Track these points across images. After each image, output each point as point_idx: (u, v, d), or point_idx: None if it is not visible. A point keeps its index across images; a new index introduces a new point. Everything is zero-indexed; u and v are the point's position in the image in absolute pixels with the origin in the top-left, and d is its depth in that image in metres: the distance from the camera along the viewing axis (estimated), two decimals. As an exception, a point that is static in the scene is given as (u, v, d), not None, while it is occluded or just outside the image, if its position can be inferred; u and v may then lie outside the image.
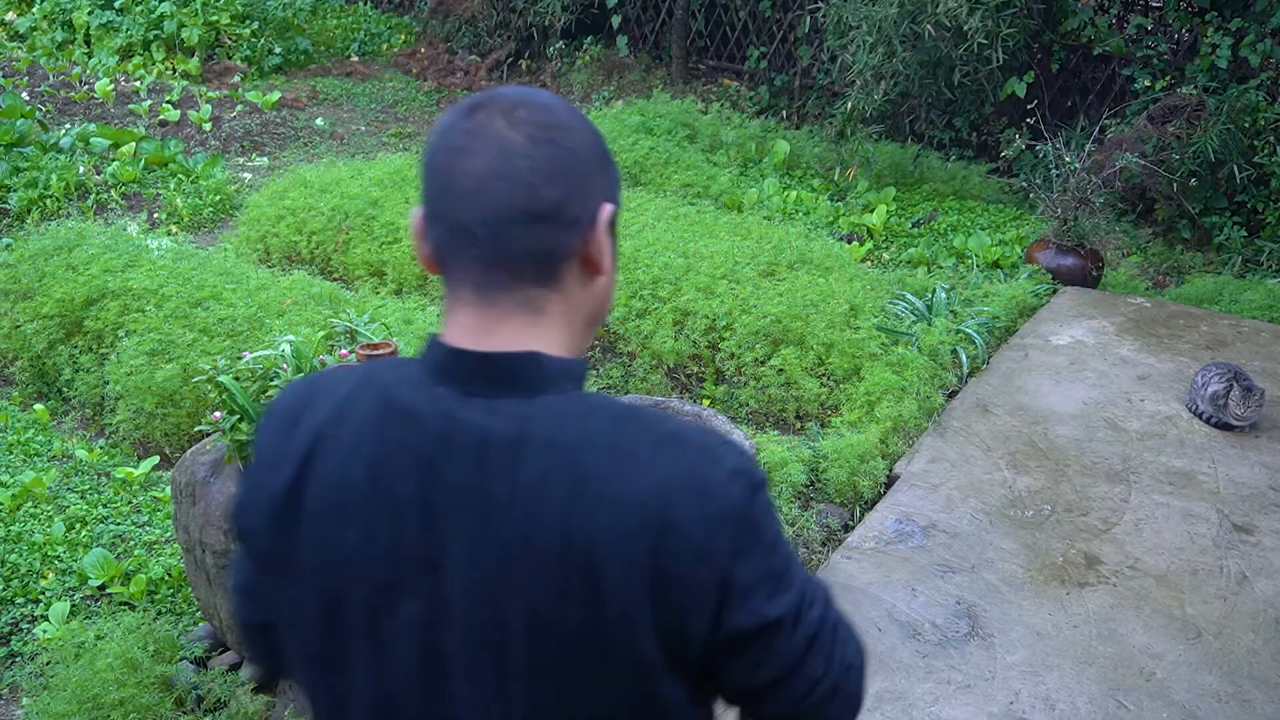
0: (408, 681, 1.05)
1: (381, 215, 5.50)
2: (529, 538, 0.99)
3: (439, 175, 1.04)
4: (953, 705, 2.86)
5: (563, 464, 0.99)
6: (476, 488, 1.00)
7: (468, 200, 1.01)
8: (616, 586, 0.97)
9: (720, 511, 0.99)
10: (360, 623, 1.05)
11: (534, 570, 0.99)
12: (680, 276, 4.72)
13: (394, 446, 1.03)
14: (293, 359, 2.55)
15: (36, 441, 4.03)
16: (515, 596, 1.00)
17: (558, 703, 1.02)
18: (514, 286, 1.03)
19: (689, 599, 0.98)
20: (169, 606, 3.14)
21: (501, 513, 1.00)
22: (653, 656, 0.99)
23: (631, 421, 1.03)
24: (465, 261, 1.03)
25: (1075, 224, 5.58)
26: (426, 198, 1.06)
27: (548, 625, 0.99)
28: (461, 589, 1.01)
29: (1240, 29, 6.41)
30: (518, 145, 1.01)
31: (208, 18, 8.93)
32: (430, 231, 1.06)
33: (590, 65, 8.86)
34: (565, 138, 1.03)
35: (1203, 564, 3.46)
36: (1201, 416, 4.30)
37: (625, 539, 0.97)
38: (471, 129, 1.03)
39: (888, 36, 6.43)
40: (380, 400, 1.06)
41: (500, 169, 1.00)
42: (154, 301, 4.27)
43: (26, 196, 6.09)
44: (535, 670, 1.01)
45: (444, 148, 1.04)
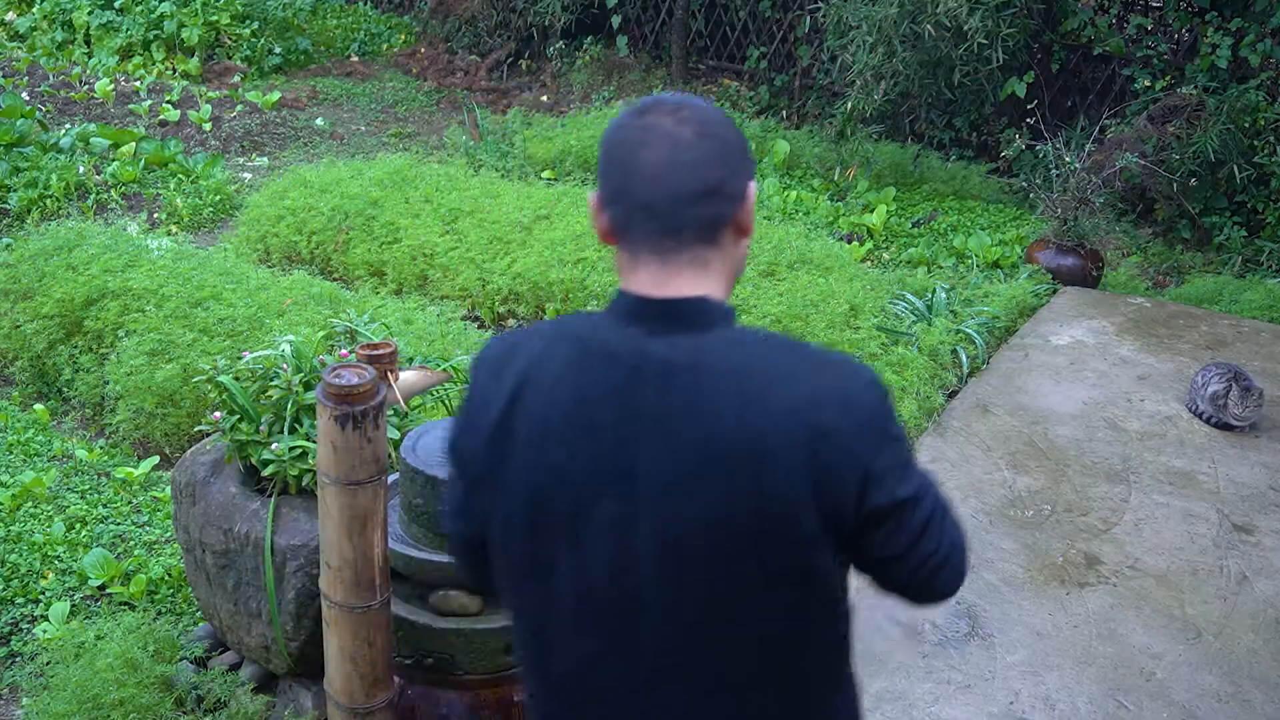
0: (603, 572, 1.29)
1: (381, 215, 5.50)
2: (708, 445, 1.24)
3: (620, 164, 1.31)
4: (953, 705, 2.86)
5: (732, 384, 1.25)
6: (663, 407, 1.25)
7: (650, 184, 1.28)
8: (782, 481, 1.23)
9: (861, 416, 1.26)
10: (562, 527, 1.30)
11: (712, 472, 1.24)
12: (680, 276, 4.71)
13: (593, 379, 1.29)
14: (293, 359, 2.55)
15: (36, 441, 4.03)
16: (696, 494, 1.25)
17: (729, 576, 1.26)
18: (685, 248, 1.30)
19: (840, 487, 1.24)
20: (169, 606, 3.14)
21: (684, 426, 1.25)
22: (812, 532, 1.25)
23: (783, 347, 1.30)
24: (646, 231, 1.30)
25: (1075, 224, 5.58)
26: (607, 183, 1.33)
27: (723, 516, 1.24)
28: (651, 491, 1.26)
29: (1240, 29, 6.41)
30: (686, 139, 1.28)
31: (208, 18, 8.93)
32: (611, 209, 1.32)
33: (590, 65, 8.85)
34: (720, 132, 1.31)
35: (1203, 564, 3.46)
36: (1201, 416, 4.30)
37: (788, 443, 1.23)
38: (645, 126, 1.30)
39: (888, 36, 6.43)
40: (577, 344, 1.32)
41: (675, 158, 1.28)
42: (154, 301, 4.27)
43: (26, 196, 6.08)
44: (711, 552, 1.26)
45: (622, 142, 1.31)
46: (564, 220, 5.33)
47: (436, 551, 2.19)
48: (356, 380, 1.85)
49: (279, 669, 2.53)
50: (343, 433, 1.84)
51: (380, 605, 2.00)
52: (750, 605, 1.28)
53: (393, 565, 2.17)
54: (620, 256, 1.34)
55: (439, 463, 2.17)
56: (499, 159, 7.01)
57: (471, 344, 4.21)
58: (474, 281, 5.10)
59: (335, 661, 2.04)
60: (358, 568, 1.94)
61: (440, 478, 2.13)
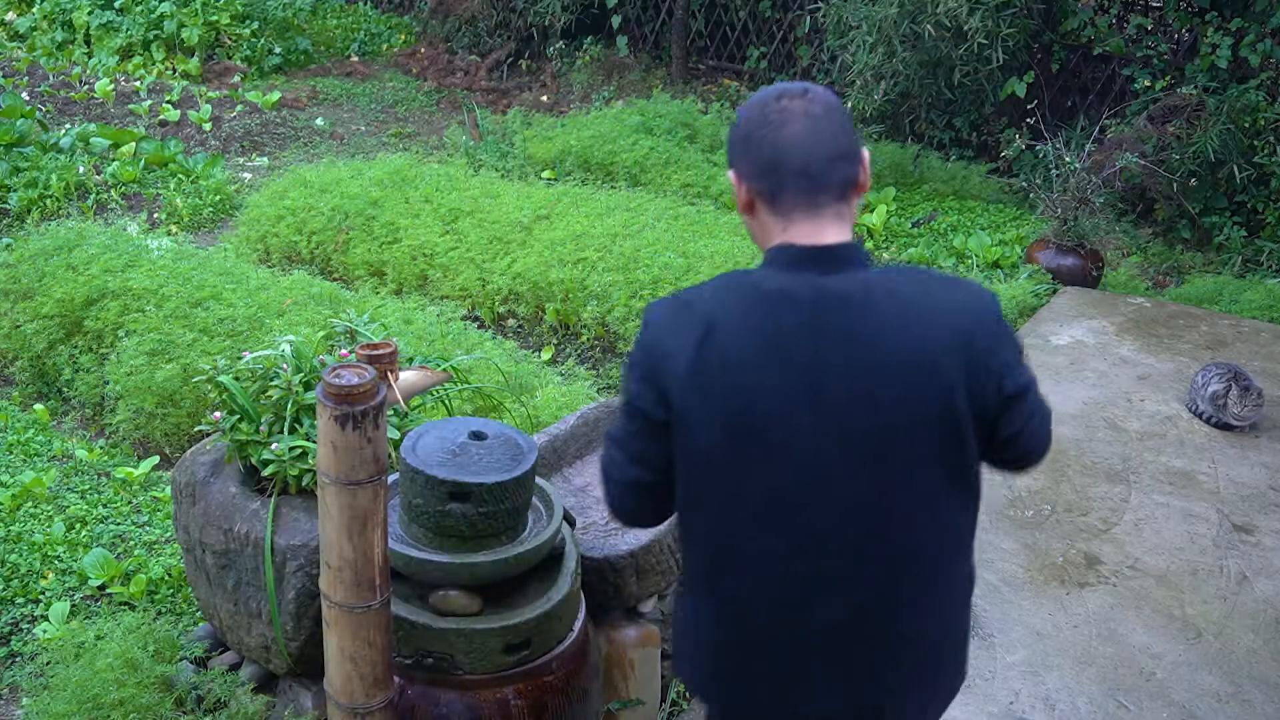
0: (798, 475, 1.57)
1: (381, 215, 5.50)
2: (885, 356, 1.54)
3: (769, 142, 1.59)
4: (953, 705, 2.86)
5: (894, 306, 1.56)
6: (846, 330, 1.54)
7: (802, 153, 1.58)
8: (945, 377, 1.55)
9: (990, 320, 1.60)
10: (760, 443, 1.56)
11: (890, 376, 1.54)
12: (680, 276, 4.71)
13: (779, 315, 1.56)
14: (293, 359, 2.55)
15: (36, 441, 4.02)
16: (879, 397, 1.54)
17: (905, 461, 1.57)
18: (830, 204, 1.60)
19: (987, 376, 1.57)
20: (169, 606, 3.14)
21: (864, 343, 1.54)
22: (965, 416, 1.57)
23: (921, 274, 1.63)
24: (800, 191, 1.59)
25: (1075, 224, 5.58)
26: (753, 160, 1.61)
27: (900, 411, 1.54)
28: (840, 399, 1.54)
29: (1240, 29, 6.41)
30: (818, 115, 1.59)
31: (208, 18, 8.93)
32: (761, 181, 1.60)
33: (590, 65, 8.85)
34: (839, 108, 1.62)
35: (1203, 564, 3.46)
36: (1201, 416, 4.30)
37: (945, 346, 1.55)
38: (782, 109, 1.59)
39: (888, 36, 6.43)
40: (754, 290, 1.59)
41: (815, 130, 1.58)
42: (154, 301, 4.27)
43: (26, 196, 6.08)
44: (892, 443, 1.56)
45: (764, 124, 1.60)
46: (564, 220, 5.33)
47: (436, 551, 2.19)
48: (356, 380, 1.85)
49: (279, 669, 2.53)
50: (343, 433, 1.84)
51: (380, 605, 2.00)
52: (920, 484, 1.59)
53: (393, 565, 2.17)
54: (767, 221, 1.63)
55: (439, 463, 2.17)
56: (499, 159, 7.01)
57: (471, 344, 4.21)
58: (474, 281, 5.10)
59: (335, 661, 2.04)
60: (358, 568, 1.94)
61: (440, 477, 2.13)
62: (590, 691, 2.36)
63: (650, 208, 5.56)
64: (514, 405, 3.60)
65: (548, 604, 2.24)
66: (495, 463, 2.19)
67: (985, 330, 1.58)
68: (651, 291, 4.66)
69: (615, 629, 2.61)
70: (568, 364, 4.60)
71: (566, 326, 4.97)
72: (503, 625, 2.18)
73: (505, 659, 2.21)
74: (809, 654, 1.67)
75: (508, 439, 2.27)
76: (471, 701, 2.19)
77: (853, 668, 1.67)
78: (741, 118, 1.65)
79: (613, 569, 2.53)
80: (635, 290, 4.70)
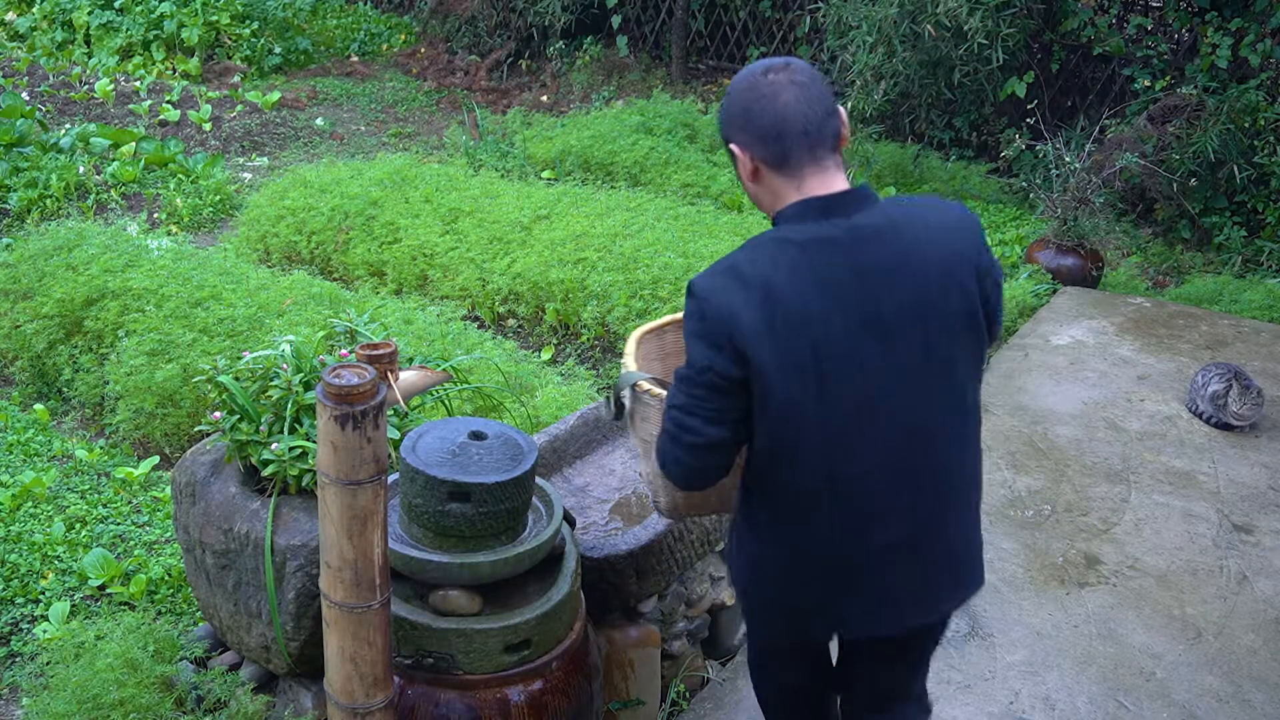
0: (866, 405, 1.79)
1: (381, 215, 5.50)
2: (923, 274, 1.80)
3: (769, 112, 1.79)
4: (953, 705, 2.86)
5: (916, 230, 1.81)
6: (884, 257, 1.78)
7: (801, 116, 1.79)
8: (965, 280, 1.83)
9: (977, 229, 1.89)
10: (832, 379, 1.77)
11: (933, 290, 1.80)
12: (680, 276, 4.71)
13: (823, 260, 1.77)
14: (293, 359, 2.55)
15: (36, 441, 4.02)
16: (927, 312, 1.80)
17: (955, 342, 1.84)
18: (830, 156, 1.83)
19: (985, 270, 1.86)
20: (169, 606, 3.14)
21: (900, 263, 1.79)
22: (978, 311, 1.85)
23: (921, 200, 1.89)
24: (806, 149, 1.80)
25: (1075, 224, 5.58)
26: (757, 130, 1.80)
27: (942, 306, 1.81)
28: (895, 322, 1.78)
29: (1240, 29, 6.41)
30: (803, 82, 1.80)
31: (208, 18, 8.93)
32: (768, 148, 1.80)
33: (590, 65, 8.85)
34: (817, 75, 1.84)
35: (1203, 564, 3.46)
36: (1201, 416, 4.29)
37: (963, 256, 1.84)
38: (772, 83, 1.80)
39: (888, 36, 6.43)
40: (792, 245, 1.78)
41: (806, 95, 1.80)
42: (154, 301, 4.27)
43: (26, 196, 6.08)
44: (943, 333, 1.82)
45: (760, 97, 1.80)
46: (564, 220, 5.33)
47: (436, 551, 2.19)
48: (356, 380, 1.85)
49: (279, 669, 2.53)
50: (343, 433, 1.84)
51: (380, 605, 2.00)
52: (956, 396, 1.88)
53: (393, 565, 2.17)
54: (776, 184, 1.83)
55: (439, 463, 2.17)
56: (499, 159, 7.01)
57: (471, 344, 4.21)
58: (474, 281, 5.10)
59: (335, 661, 2.04)
60: (358, 568, 1.94)
61: (440, 477, 2.13)
62: (590, 691, 2.36)
63: (650, 208, 5.56)
64: (514, 405, 3.60)
65: (548, 604, 2.24)
66: (495, 463, 2.19)
67: (980, 238, 1.88)
68: (651, 291, 4.66)
69: (615, 629, 2.61)
70: (568, 364, 4.60)
71: (566, 326, 4.97)
72: (503, 625, 2.18)
73: (505, 659, 2.21)
74: (878, 571, 1.90)
75: (508, 439, 2.27)
76: (471, 701, 2.19)
77: (913, 581, 1.93)
78: (734, 94, 1.83)
79: (613, 569, 2.53)
80: (635, 290, 4.69)
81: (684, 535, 2.66)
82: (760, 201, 1.89)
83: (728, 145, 1.87)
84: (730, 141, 1.85)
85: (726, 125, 1.86)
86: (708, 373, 1.77)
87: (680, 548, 2.67)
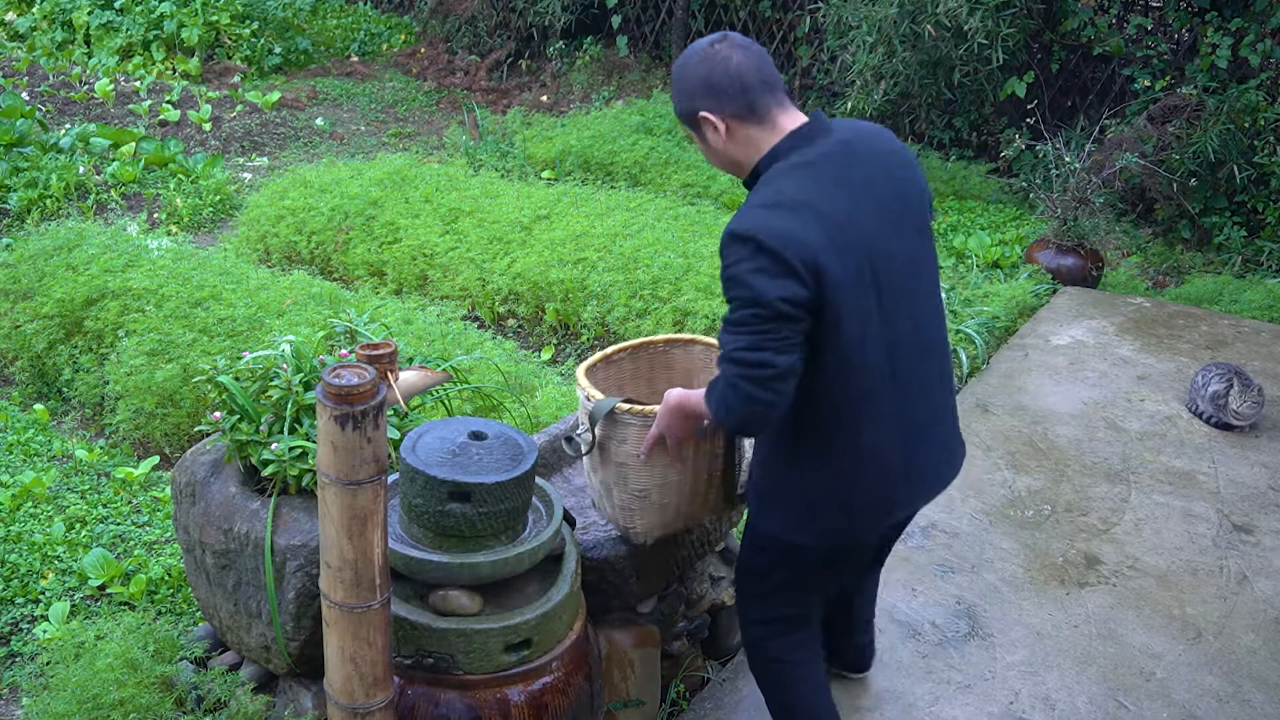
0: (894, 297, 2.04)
1: (381, 215, 5.50)
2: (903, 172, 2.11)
3: (730, 75, 2.02)
4: (953, 705, 2.86)
5: (876, 139, 2.13)
6: (874, 162, 2.07)
7: (757, 71, 2.04)
8: (924, 187, 2.16)
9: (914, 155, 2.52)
10: (875, 279, 2.00)
11: (912, 187, 2.13)
12: (680, 276, 4.71)
13: (836, 170, 2.01)
14: (293, 359, 2.55)
15: (36, 441, 4.02)
16: (914, 204, 2.11)
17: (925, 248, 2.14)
18: (786, 98, 2.09)
19: (924, 194, 2.16)
20: (169, 606, 3.14)
21: (887, 166, 2.08)
22: (929, 217, 2.16)
23: (851, 121, 2.15)
24: (769, 94, 2.05)
25: (1075, 224, 5.58)
26: (722, 92, 2.03)
27: (917, 215, 2.11)
28: (897, 212, 2.06)
29: (1240, 29, 6.41)
30: (744, 44, 2.06)
31: (208, 18, 8.93)
32: (736, 103, 2.03)
33: (590, 65, 8.85)
34: (752, 40, 2.08)
35: (1203, 564, 3.46)
36: (1201, 416, 4.29)
37: (914, 168, 2.16)
38: (718, 50, 2.04)
39: (888, 36, 6.43)
40: (802, 169, 2.01)
41: (751, 52, 2.05)
42: (154, 301, 4.27)
43: (26, 196, 6.08)
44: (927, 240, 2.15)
45: (715, 63, 2.03)
46: (564, 220, 5.33)
47: (436, 551, 2.19)
48: (356, 380, 1.85)
49: (279, 669, 2.53)
50: (343, 433, 1.84)
51: (380, 605, 2.00)
52: (932, 256, 2.17)
53: (393, 565, 2.17)
54: (751, 134, 2.05)
55: (439, 463, 2.17)
56: (499, 159, 7.01)
57: (471, 344, 4.22)
58: (474, 281, 5.10)
59: (335, 661, 2.04)
60: (358, 568, 1.94)
61: (440, 478, 2.13)
62: (590, 691, 2.37)
63: (650, 208, 5.56)
64: (514, 405, 3.60)
65: (548, 604, 2.24)
66: (495, 463, 2.19)
67: (915, 158, 2.22)
68: (651, 291, 4.66)
69: (615, 629, 2.61)
70: (568, 364, 4.60)
71: (566, 326, 4.97)
72: (503, 625, 2.18)
73: (505, 659, 2.21)
74: (914, 452, 2.13)
75: (508, 439, 2.27)
76: (471, 701, 2.19)
77: (937, 457, 2.20)
78: (689, 70, 2.06)
79: (613, 569, 2.53)
80: (635, 290, 4.70)
81: (684, 536, 2.66)
82: (737, 160, 2.09)
83: (695, 118, 2.07)
84: (698, 112, 2.05)
85: (689, 99, 2.05)
86: (776, 304, 1.90)
87: (680, 548, 2.67)
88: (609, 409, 2.29)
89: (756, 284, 1.90)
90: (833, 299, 1.93)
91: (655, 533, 2.46)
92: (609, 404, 2.29)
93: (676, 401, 2.22)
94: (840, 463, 2.10)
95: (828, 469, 2.12)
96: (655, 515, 2.42)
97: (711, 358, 2.57)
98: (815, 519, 2.16)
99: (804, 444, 2.11)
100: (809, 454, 2.12)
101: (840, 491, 2.13)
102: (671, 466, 2.35)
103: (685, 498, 2.43)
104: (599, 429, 2.33)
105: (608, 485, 2.42)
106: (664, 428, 2.26)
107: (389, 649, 2.06)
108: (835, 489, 2.13)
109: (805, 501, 2.15)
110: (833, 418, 2.07)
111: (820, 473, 2.12)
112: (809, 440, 2.10)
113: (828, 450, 2.10)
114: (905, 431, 2.11)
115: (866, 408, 2.06)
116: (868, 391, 2.04)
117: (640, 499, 2.39)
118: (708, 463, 2.42)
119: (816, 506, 2.15)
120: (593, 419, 2.31)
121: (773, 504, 2.20)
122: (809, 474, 2.13)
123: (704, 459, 2.41)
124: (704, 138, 2.11)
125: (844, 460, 2.10)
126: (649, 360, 2.65)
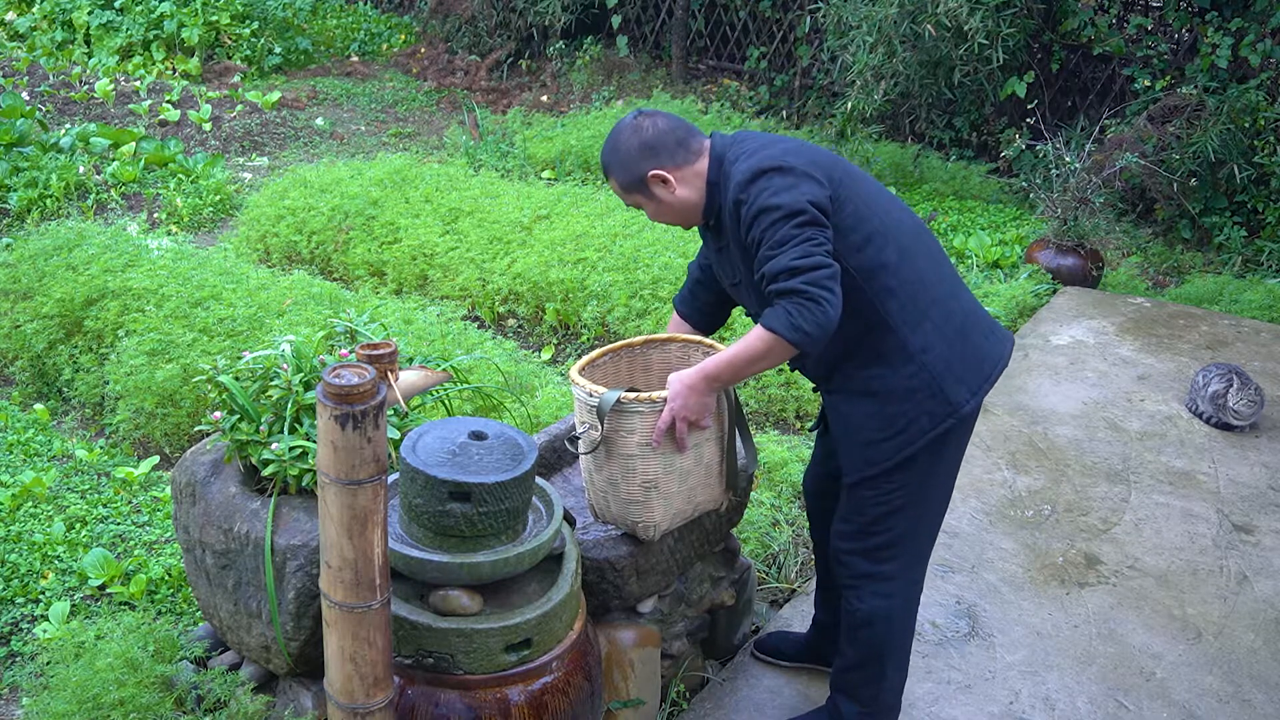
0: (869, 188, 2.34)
1: (381, 215, 5.50)
2: None
3: (658, 136, 2.31)
4: (953, 705, 2.86)
5: None
6: None
7: (677, 126, 2.34)
8: None
9: None
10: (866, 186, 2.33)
11: None
12: (680, 276, 4.71)
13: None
14: (293, 359, 2.55)
15: (36, 441, 4.02)
16: None
17: None
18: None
19: None
20: (169, 606, 3.14)
21: None
22: None
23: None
24: (695, 138, 2.34)
25: (1075, 224, 5.58)
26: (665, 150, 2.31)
27: None
28: None
29: (1240, 29, 6.41)
30: (657, 112, 2.36)
31: (208, 18, 8.93)
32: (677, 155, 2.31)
33: (590, 65, 8.85)
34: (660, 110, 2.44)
35: (1203, 564, 3.46)
36: (1202, 416, 4.29)
37: None
38: (642, 121, 2.33)
39: (888, 36, 6.43)
40: (774, 135, 2.34)
41: (668, 116, 2.36)
42: (154, 301, 4.27)
43: (26, 196, 6.08)
44: None
45: (643, 132, 2.32)
46: (564, 220, 5.33)
47: (436, 551, 2.19)
48: (356, 380, 1.85)
49: (279, 669, 2.53)
50: (343, 432, 1.84)
51: (380, 605, 1.99)
52: None
53: (393, 565, 2.17)
54: (692, 170, 2.31)
55: (439, 463, 2.17)
56: (499, 159, 7.01)
57: (471, 344, 4.21)
58: (474, 281, 5.10)
59: (335, 661, 2.04)
60: (358, 568, 1.94)
61: (440, 478, 2.13)
62: (590, 691, 2.37)
63: (650, 208, 5.55)
64: (514, 405, 3.60)
65: (548, 604, 2.24)
66: (495, 463, 2.19)
67: None
68: (651, 291, 4.67)
69: (615, 629, 2.61)
70: (568, 364, 4.60)
71: (566, 326, 4.97)
72: (503, 625, 2.18)
73: (505, 659, 2.21)
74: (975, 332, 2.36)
75: (508, 439, 2.27)
76: (471, 701, 2.19)
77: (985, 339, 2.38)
78: (623, 142, 2.31)
79: (613, 569, 2.53)
80: (635, 290, 4.70)
81: (684, 535, 2.66)
82: (688, 201, 2.32)
83: (643, 181, 2.30)
84: (645, 174, 2.29)
85: (634, 166, 2.30)
86: (809, 208, 2.13)
87: (680, 548, 2.67)
88: (614, 400, 2.29)
89: (785, 200, 2.13)
90: (850, 195, 2.22)
91: (663, 525, 2.46)
92: (615, 395, 2.29)
93: (685, 381, 2.28)
94: (923, 356, 2.28)
95: (911, 368, 2.28)
96: (663, 506, 2.43)
97: (689, 355, 2.60)
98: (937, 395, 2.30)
99: (877, 365, 2.29)
100: (886, 370, 2.29)
101: (929, 385, 2.28)
102: (679, 453, 2.37)
103: (691, 485, 2.46)
104: (606, 423, 2.32)
105: (614, 481, 2.42)
106: (677, 410, 2.29)
107: (389, 649, 2.06)
108: (925, 384, 2.29)
109: (896, 417, 2.30)
110: (887, 327, 2.26)
111: (907, 381, 2.29)
112: (882, 364, 2.29)
113: (908, 350, 2.28)
114: (956, 295, 2.35)
115: (918, 306, 2.27)
116: (916, 283, 2.27)
117: (649, 490, 2.39)
118: (710, 448, 2.45)
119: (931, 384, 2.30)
120: (600, 413, 2.31)
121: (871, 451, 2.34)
122: (899, 381, 2.29)
123: (708, 444, 2.44)
124: (653, 197, 2.32)
125: (927, 354, 2.28)
126: (629, 362, 2.66)
